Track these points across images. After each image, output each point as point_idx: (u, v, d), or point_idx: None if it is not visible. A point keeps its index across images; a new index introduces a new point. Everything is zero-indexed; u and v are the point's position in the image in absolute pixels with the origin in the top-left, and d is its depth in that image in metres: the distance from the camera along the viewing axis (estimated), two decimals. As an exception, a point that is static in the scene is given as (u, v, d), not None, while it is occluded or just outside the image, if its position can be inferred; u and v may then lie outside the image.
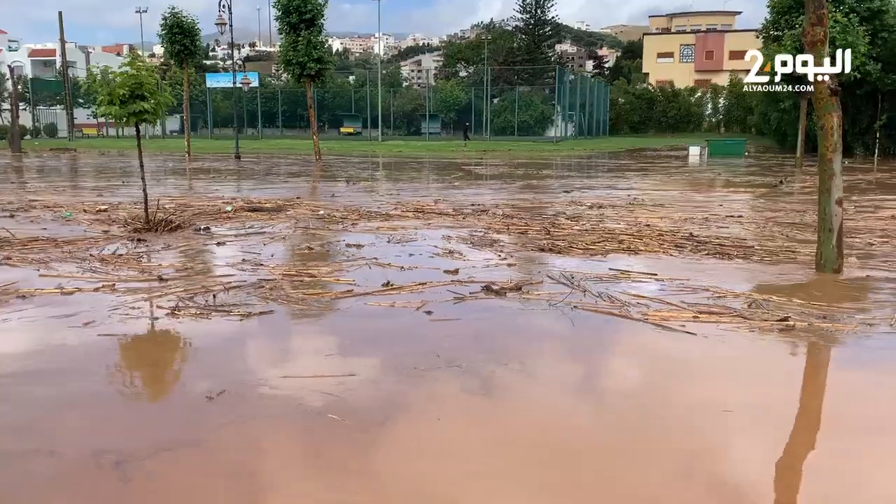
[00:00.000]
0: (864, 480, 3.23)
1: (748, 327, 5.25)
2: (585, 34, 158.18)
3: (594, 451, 3.46)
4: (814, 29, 7.43)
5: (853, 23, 28.57)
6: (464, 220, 10.99)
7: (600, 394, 4.29)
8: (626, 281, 6.79)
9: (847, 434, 3.73)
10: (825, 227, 7.40)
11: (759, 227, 10.48)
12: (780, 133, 38.69)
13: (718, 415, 3.83)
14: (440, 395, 4.08)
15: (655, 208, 12.81)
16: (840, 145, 7.51)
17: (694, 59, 66.92)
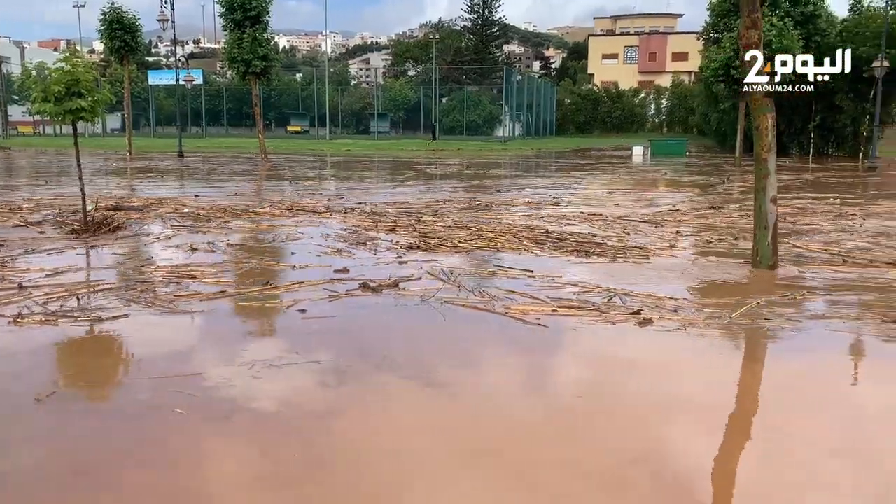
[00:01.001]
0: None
1: (604, 320, 5.46)
2: (532, 35, 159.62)
3: (447, 432, 3.60)
4: (748, 32, 7.62)
5: (788, 27, 29.56)
6: (335, 218, 11.01)
7: (449, 385, 4.35)
8: (503, 277, 6.92)
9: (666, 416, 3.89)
10: (761, 225, 7.59)
11: (620, 226, 10.58)
12: (721, 133, 39.79)
13: (559, 399, 4.15)
14: (292, 389, 4.16)
15: (557, 207, 13.01)
16: (774, 145, 7.73)
17: (637, 61, 68.23)
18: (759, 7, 7.61)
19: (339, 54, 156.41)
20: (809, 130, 34.67)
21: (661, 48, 67.32)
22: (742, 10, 7.79)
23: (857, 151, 34.01)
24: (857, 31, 32.33)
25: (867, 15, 33.46)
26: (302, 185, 17.60)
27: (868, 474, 3.31)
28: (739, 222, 10.96)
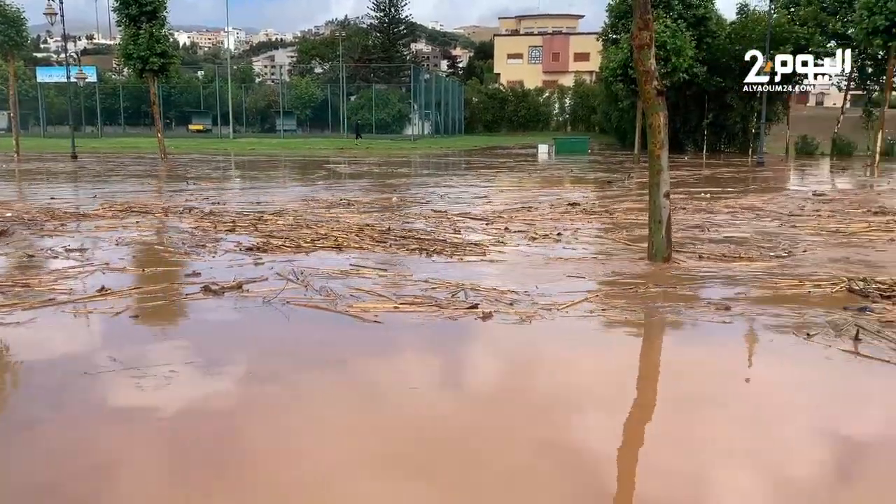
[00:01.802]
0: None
1: (444, 315, 5.58)
2: (440, 34, 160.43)
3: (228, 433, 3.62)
4: (641, 33, 7.83)
5: (681, 28, 30.93)
6: (172, 219, 10.91)
7: (267, 384, 4.38)
8: (355, 276, 6.93)
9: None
10: (655, 219, 7.89)
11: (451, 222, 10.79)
12: (621, 131, 41.19)
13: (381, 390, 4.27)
14: (101, 395, 4.11)
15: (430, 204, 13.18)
16: (667, 142, 8.06)
17: (542, 61, 69.66)
18: (650, 9, 7.90)
19: (242, 51, 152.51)
20: (703, 128, 36.36)
21: (563, 48, 68.97)
22: (635, 12, 8.02)
23: (746, 148, 35.96)
24: (744, 33, 34.14)
25: (752, 18, 35.36)
26: (200, 186, 17.07)
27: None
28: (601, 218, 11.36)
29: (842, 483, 3.31)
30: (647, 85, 7.93)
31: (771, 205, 13.25)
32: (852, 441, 3.66)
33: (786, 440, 3.64)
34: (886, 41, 27.83)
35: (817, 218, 11.41)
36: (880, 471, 3.38)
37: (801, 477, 3.31)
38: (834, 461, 3.46)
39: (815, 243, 9.10)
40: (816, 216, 11.61)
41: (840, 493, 3.22)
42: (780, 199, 14.58)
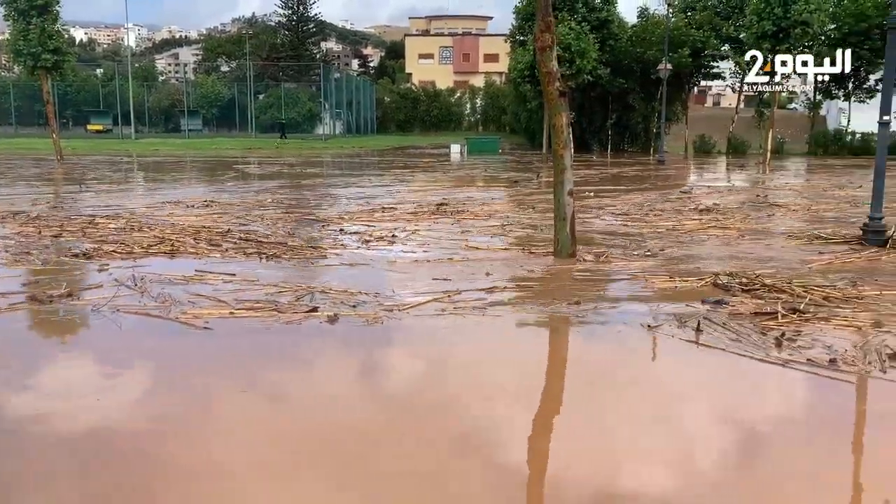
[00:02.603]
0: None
1: (281, 319, 5.56)
2: (350, 33, 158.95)
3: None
4: (543, 35, 8.01)
5: (585, 31, 31.84)
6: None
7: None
8: (199, 282, 6.75)
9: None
10: (560, 216, 8.12)
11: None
12: (530, 131, 42.00)
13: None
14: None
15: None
16: (570, 142, 8.32)
17: (452, 61, 70.18)
18: (551, 12, 8.10)
19: (144, 49, 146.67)
20: (608, 128, 37.56)
21: (473, 49, 69.70)
22: (537, 15, 8.20)
23: (648, 147, 37.37)
24: (645, 36, 35.46)
25: (652, 21, 36.78)
26: (88, 190, 16.31)
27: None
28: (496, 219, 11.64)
29: (663, 448, 3.61)
30: (550, 86, 8.14)
31: (629, 204, 13.71)
32: (683, 418, 4.05)
33: (610, 421, 3.95)
34: (774, 45, 29.52)
35: (656, 216, 11.87)
36: (697, 442, 3.73)
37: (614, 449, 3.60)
38: (658, 435, 3.77)
39: (668, 242, 9.50)
40: (656, 215, 12.07)
41: (658, 453, 3.54)
42: (646, 196, 15.20)
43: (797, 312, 5.64)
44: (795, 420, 4.08)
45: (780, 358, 4.73)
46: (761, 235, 10.04)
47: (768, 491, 3.15)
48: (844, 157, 32.31)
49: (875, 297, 6.21)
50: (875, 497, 3.19)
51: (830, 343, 4.96)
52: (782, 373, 4.56)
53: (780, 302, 5.90)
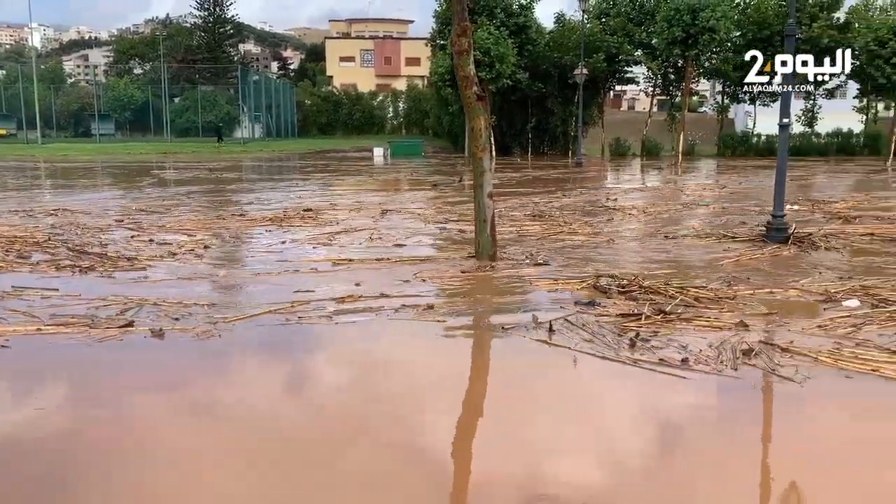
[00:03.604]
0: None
1: (92, 336, 5.30)
2: (269, 35, 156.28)
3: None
4: (460, 39, 8.09)
5: (504, 35, 32.27)
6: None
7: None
8: (13, 298, 6.38)
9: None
10: (480, 219, 8.23)
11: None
12: (453, 135, 42.23)
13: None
14: None
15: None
16: (489, 145, 8.42)
17: (374, 64, 69.93)
18: (467, 16, 8.20)
19: (50, 50, 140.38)
20: (528, 131, 38.16)
21: (395, 52, 69.63)
22: (453, 19, 8.32)
23: (567, 149, 38.18)
24: (562, 41, 36.20)
25: (569, 27, 37.59)
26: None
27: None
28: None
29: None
30: (468, 90, 8.21)
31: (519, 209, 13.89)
32: (528, 410, 4.23)
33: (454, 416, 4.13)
34: (683, 51, 30.74)
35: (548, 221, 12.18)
36: (508, 436, 3.90)
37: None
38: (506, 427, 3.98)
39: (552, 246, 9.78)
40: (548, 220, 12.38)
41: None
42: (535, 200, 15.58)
43: (663, 313, 5.74)
44: (620, 413, 4.22)
45: (630, 358, 4.83)
46: (670, 235, 10.43)
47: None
48: (751, 158, 33.86)
49: (747, 297, 6.41)
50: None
51: (687, 343, 5.08)
52: (628, 372, 4.65)
53: (648, 303, 6.03)
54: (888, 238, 9.78)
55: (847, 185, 20.18)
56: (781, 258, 8.50)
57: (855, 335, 5.26)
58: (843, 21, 33.36)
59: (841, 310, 5.97)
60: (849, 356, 4.79)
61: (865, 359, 4.74)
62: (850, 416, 4.15)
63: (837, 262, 8.24)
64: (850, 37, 32.05)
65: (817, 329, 5.45)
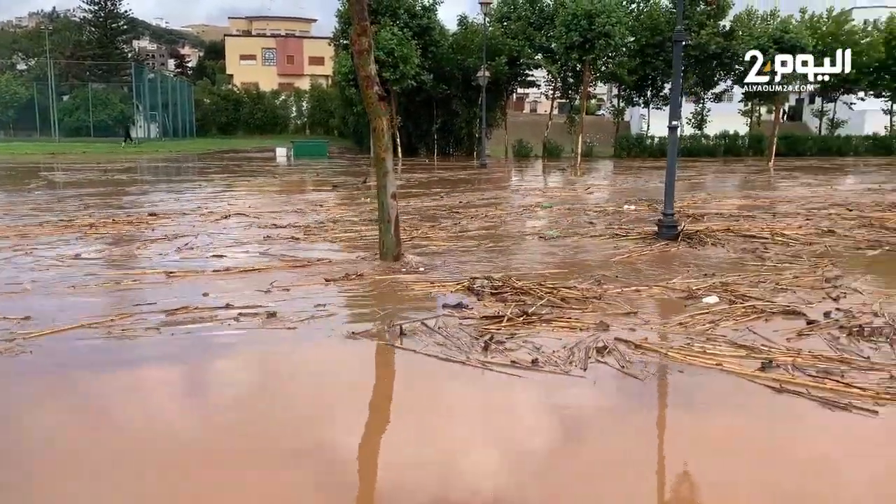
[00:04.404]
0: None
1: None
2: (165, 31, 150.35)
3: None
4: (360, 39, 8.05)
5: (407, 37, 32.37)
6: None
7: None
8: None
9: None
10: (384, 219, 8.22)
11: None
12: (358, 135, 42.00)
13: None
14: None
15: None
16: (391, 145, 8.42)
17: (276, 63, 68.63)
18: (367, 16, 8.16)
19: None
20: (433, 133, 38.40)
21: (298, 51, 68.56)
22: (353, 19, 8.24)
23: (472, 150, 38.66)
24: (465, 44, 36.64)
25: (471, 30, 38.09)
26: None
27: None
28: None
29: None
30: (369, 90, 8.19)
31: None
32: (353, 416, 4.19)
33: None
34: (581, 55, 31.70)
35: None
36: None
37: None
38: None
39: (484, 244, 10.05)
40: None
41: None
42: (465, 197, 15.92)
43: (526, 315, 5.75)
44: (451, 416, 4.20)
45: (480, 361, 4.81)
46: (573, 235, 10.77)
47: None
48: (646, 159, 35.31)
49: (615, 296, 6.52)
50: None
51: (542, 344, 5.10)
52: (473, 374, 4.64)
53: (514, 305, 6.05)
54: (748, 235, 10.22)
55: (721, 185, 21.35)
56: (667, 255, 8.80)
57: (712, 331, 5.42)
58: (728, 29, 35.35)
59: (701, 306, 6.15)
60: (697, 351, 4.92)
61: (713, 354, 4.88)
62: (682, 408, 4.25)
63: (713, 257, 8.56)
64: (735, 44, 34.00)
65: (678, 326, 5.58)
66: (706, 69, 36.04)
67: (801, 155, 36.70)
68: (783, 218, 11.97)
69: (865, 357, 4.79)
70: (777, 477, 3.37)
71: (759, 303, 6.16)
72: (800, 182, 20.48)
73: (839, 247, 9.20)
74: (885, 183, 19.47)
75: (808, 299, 6.39)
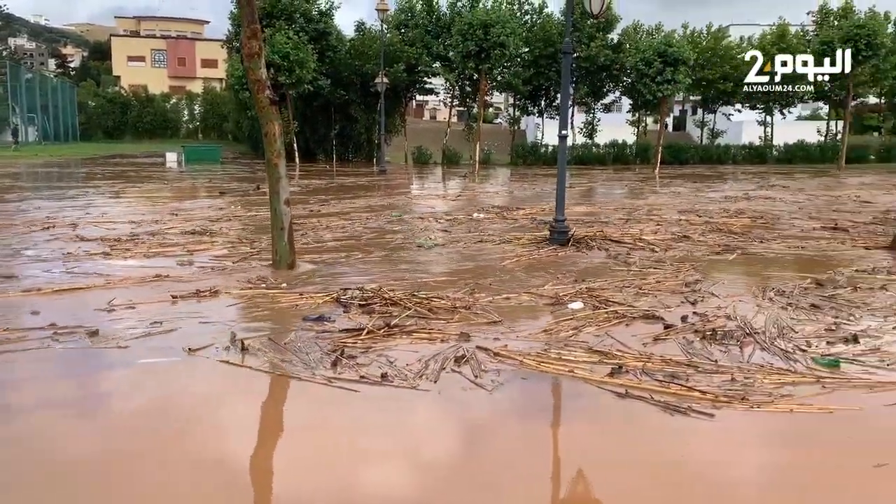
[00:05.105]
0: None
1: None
2: (45, 30, 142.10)
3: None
4: (250, 42, 7.91)
5: (304, 41, 31.98)
6: None
7: None
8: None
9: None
10: (278, 226, 8.07)
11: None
12: (253, 140, 41.05)
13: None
14: None
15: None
16: (284, 151, 8.23)
17: (167, 65, 66.19)
18: (257, 19, 8.02)
19: None
20: (332, 138, 38.05)
21: (189, 54, 66.34)
22: (242, 22, 8.06)
23: (372, 156, 38.55)
24: (363, 49, 36.53)
25: (369, 36, 38.01)
26: None
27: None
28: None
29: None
30: (260, 94, 8.03)
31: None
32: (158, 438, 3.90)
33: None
34: (477, 64, 32.23)
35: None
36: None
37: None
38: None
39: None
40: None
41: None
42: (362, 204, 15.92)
43: (387, 327, 5.61)
44: (271, 434, 4.10)
45: (325, 376, 4.64)
46: (474, 242, 10.91)
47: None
48: (540, 167, 36.20)
49: (486, 305, 6.49)
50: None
51: (397, 357, 4.97)
52: (311, 390, 4.48)
53: (378, 317, 5.93)
54: (614, 240, 10.60)
55: (611, 191, 22.21)
56: (545, 260, 8.98)
57: (575, 337, 5.49)
58: (616, 42, 36.81)
59: (566, 312, 6.25)
60: (553, 358, 4.96)
61: (567, 360, 4.94)
62: (520, 417, 4.22)
63: (580, 263, 8.80)
64: (623, 56, 35.45)
65: (542, 333, 5.62)
66: (596, 80, 37.38)
67: (685, 163, 38.62)
68: (637, 224, 12.43)
69: (714, 360, 4.97)
70: (608, 480, 3.46)
71: (621, 307, 6.35)
72: (670, 190, 21.38)
73: (699, 252, 9.61)
74: (753, 190, 20.70)
75: (668, 303, 6.63)
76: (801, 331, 5.79)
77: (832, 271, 8.25)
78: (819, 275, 8.00)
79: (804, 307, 6.56)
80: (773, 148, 40.54)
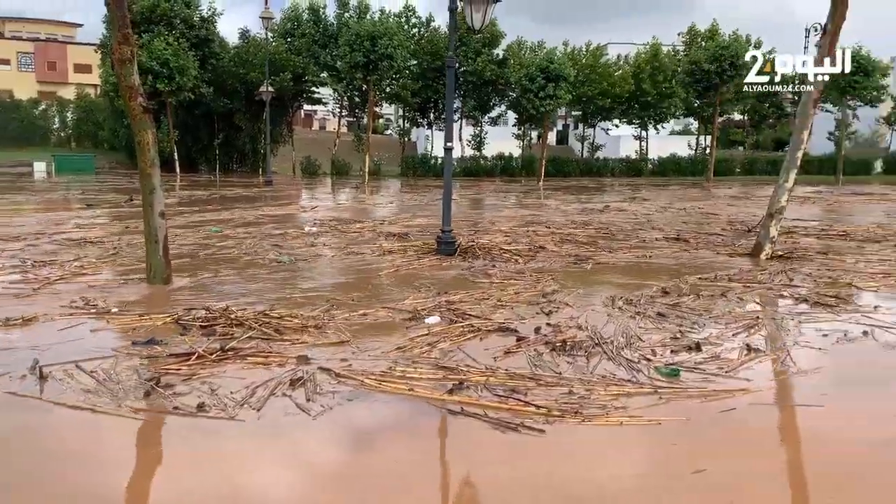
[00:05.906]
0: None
1: None
2: None
3: None
4: (121, 48, 7.62)
5: (184, 47, 30.98)
6: None
7: None
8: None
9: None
10: (151, 240, 7.77)
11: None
12: (130, 149, 39.17)
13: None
14: None
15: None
16: (158, 160, 7.90)
17: (35, 69, 62.28)
18: (129, 24, 7.68)
19: None
20: (215, 148, 36.94)
21: (61, 58, 62.63)
22: (113, 27, 7.86)
23: (257, 167, 37.70)
24: (247, 57, 35.74)
25: (254, 44, 37.25)
26: None
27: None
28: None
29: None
30: (133, 101, 7.76)
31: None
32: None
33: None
34: (365, 75, 32.19)
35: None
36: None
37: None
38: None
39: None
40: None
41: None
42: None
43: (222, 350, 5.29)
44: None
45: (133, 408, 4.31)
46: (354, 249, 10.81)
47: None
48: (430, 178, 36.48)
49: (342, 322, 6.31)
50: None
51: (221, 385, 4.67)
52: (123, 424, 4.15)
53: (219, 338, 5.66)
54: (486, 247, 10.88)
55: (499, 202, 22.69)
56: (417, 273, 9.03)
57: (429, 354, 5.41)
58: (501, 57, 37.67)
59: (422, 328, 6.14)
60: (396, 377, 4.82)
61: (410, 378, 4.82)
62: (344, 442, 4.10)
63: (444, 276, 8.84)
64: (508, 72, 36.31)
65: (396, 351, 5.47)
66: (483, 94, 38.09)
67: (568, 175, 39.91)
68: (490, 233, 12.73)
69: (558, 373, 5.04)
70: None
71: (477, 321, 6.39)
72: (540, 202, 21.96)
73: (555, 263, 9.85)
74: (616, 202, 21.56)
75: (523, 315, 6.73)
76: (647, 339, 5.99)
77: (677, 280, 8.64)
78: (666, 282, 8.36)
79: (651, 315, 6.84)
80: (648, 161, 42.56)
